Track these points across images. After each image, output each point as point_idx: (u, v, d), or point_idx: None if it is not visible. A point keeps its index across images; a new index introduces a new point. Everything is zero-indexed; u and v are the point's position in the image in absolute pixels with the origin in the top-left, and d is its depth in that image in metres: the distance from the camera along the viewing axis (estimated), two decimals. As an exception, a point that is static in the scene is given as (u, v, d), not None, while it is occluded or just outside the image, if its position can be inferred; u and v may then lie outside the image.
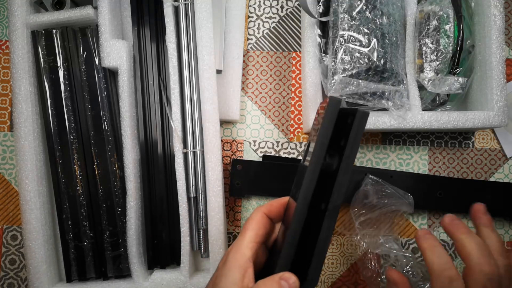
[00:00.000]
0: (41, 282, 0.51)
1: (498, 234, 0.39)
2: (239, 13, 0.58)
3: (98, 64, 0.53)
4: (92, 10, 0.52)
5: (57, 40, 0.53)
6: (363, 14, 0.49)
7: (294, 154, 0.59)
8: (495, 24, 0.52)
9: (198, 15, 0.51)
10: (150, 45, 0.54)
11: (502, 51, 0.52)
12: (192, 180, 0.52)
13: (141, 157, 0.53)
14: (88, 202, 0.53)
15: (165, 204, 0.53)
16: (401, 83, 0.50)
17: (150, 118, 0.53)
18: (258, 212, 0.35)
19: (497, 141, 0.60)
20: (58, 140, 0.53)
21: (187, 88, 0.53)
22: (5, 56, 0.59)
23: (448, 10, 0.51)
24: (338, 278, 0.58)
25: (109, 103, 0.53)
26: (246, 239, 0.33)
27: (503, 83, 0.52)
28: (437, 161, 0.60)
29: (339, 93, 0.48)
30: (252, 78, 0.60)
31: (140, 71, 0.53)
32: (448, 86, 0.50)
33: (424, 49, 0.51)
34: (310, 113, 0.52)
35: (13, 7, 0.51)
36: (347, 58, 0.48)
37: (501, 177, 0.60)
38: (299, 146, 0.59)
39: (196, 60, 0.52)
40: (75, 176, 0.53)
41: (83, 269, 0.53)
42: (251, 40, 0.60)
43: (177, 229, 0.52)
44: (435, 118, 0.51)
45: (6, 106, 0.59)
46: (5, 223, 0.58)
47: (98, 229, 0.53)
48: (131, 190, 0.51)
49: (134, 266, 0.52)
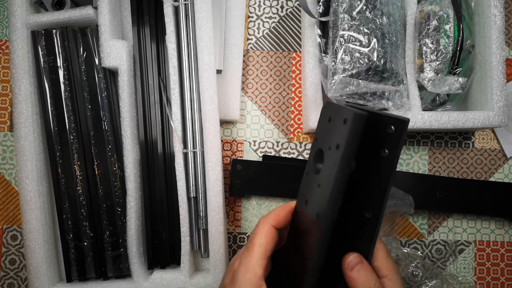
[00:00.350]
0: (41, 282, 0.51)
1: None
2: (239, 13, 0.58)
3: (98, 64, 0.53)
4: (92, 10, 0.52)
5: (57, 40, 0.53)
6: (363, 14, 0.49)
7: (294, 154, 0.59)
8: (495, 24, 0.52)
9: (198, 15, 0.51)
10: (150, 45, 0.54)
11: (502, 51, 0.52)
12: (192, 180, 0.52)
13: (141, 157, 0.53)
14: (88, 202, 0.53)
15: (165, 204, 0.53)
16: (401, 83, 0.50)
17: (150, 118, 0.53)
18: (266, 225, 0.33)
19: (497, 141, 0.60)
20: (58, 140, 0.53)
21: (187, 88, 0.53)
22: (5, 56, 0.59)
23: (448, 10, 0.51)
24: (338, 278, 0.58)
25: (109, 103, 0.53)
26: (255, 256, 0.32)
27: (503, 83, 0.51)
28: (437, 161, 0.60)
29: (339, 93, 0.48)
30: (252, 78, 0.60)
31: (140, 71, 0.53)
32: (448, 86, 0.50)
33: (424, 49, 0.51)
34: (310, 113, 0.52)
35: (13, 7, 0.51)
36: (347, 58, 0.48)
37: (501, 177, 0.60)
38: (299, 146, 0.59)
39: (196, 60, 0.52)
40: (75, 176, 0.53)
41: (83, 269, 0.53)
42: (251, 40, 0.60)
43: (177, 229, 0.52)
44: (435, 118, 0.51)
45: (6, 106, 0.59)
46: (5, 223, 0.58)
47: (98, 229, 0.53)
48: (131, 190, 0.51)
49: (134, 266, 0.52)
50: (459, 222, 0.59)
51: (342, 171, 0.27)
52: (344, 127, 0.26)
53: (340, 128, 0.27)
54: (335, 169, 0.27)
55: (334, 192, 0.27)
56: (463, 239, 0.59)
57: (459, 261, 0.59)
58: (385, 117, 0.28)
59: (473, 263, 0.59)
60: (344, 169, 0.27)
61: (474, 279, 0.58)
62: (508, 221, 0.59)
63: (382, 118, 0.28)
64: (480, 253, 0.59)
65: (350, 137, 0.26)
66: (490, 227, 0.59)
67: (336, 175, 0.27)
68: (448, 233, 0.59)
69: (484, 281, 0.58)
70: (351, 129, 0.26)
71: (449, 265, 0.58)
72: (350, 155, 0.26)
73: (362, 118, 0.26)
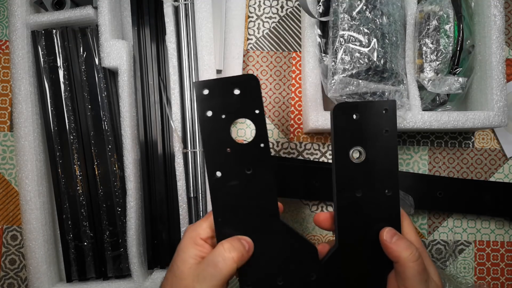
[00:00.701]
0: (41, 282, 0.51)
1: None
2: (239, 13, 0.58)
3: (98, 64, 0.53)
4: (92, 10, 0.52)
5: (57, 40, 0.53)
6: (363, 14, 0.49)
7: (294, 154, 0.59)
8: (495, 24, 0.52)
9: (198, 15, 0.51)
10: (150, 45, 0.54)
11: (502, 51, 0.52)
12: (192, 180, 0.52)
13: (141, 157, 0.53)
14: (88, 202, 0.53)
15: (165, 204, 0.53)
16: (401, 83, 0.50)
17: (150, 118, 0.53)
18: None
19: (497, 141, 0.60)
20: (58, 140, 0.53)
21: (187, 88, 0.53)
22: (5, 56, 0.59)
23: (448, 10, 0.51)
24: (338, 278, 0.58)
25: (109, 103, 0.53)
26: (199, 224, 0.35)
27: (503, 83, 0.52)
28: (437, 161, 0.60)
29: (339, 93, 0.48)
30: (252, 78, 0.60)
31: (140, 71, 0.53)
32: (448, 86, 0.50)
33: (424, 49, 0.51)
34: (310, 113, 0.52)
35: (13, 7, 0.51)
36: (347, 58, 0.48)
37: (501, 177, 0.60)
38: (299, 146, 0.59)
39: (196, 60, 0.52)
40: (75, 176, 0.53)
41: (83, 269, 0.53)
42: (251, 40, 0.60)
43: (177, 229, 0.52)
44: (435, 118, 0.51)
45: (6, 106, 0.59)
46: (5, 223, 0.58)
47: (98, 229, 0.53)
48: (131, 190, 0.51)
49: (134, 266, 0.52)
50: (459, 222, 0.59)
51: (396, 149, 0.34)
52: (387, 114, 0.34)
53: (382, 116, 0.34)
54: (393, 150, 0.34)
55: (396, 168, 0.34)
56: (463, 239, 0.59)
57: (459, 261, 0.59)
58: (377, 103, 0.34)
59: (473, 263, 0.59)
60: (397, 147, 0.34)
61: (474, 279, 0.58)
62: (508, 221, 0.59)
63: (374, 103, 0.34)
64: (480, 253, 0.59)
65: (395, 120, 0.34)
66: (490, 227, 0.59)
67: (394, 154, 0.34)
68: (448, 233, 0.59)
69: (484, 281, 0.58)
70: (394, 113, 0.34)
71: (449, 265, 0.58)
72: (396, 135, 0.34)
73: (395, 104, 0.34)
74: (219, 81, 0.33)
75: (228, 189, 0.33)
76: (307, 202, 0.59)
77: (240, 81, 0.33)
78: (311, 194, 0.57)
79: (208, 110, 0.33)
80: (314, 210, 0.59)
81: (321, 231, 0.58)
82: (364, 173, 0.34)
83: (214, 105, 0.33)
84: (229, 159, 0.33)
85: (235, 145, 0.33)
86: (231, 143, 0.33)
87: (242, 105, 0.33)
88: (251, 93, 0.33)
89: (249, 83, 0.33)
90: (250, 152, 0.33)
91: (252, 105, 0.33)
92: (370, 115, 0.34)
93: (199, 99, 0.33)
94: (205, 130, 0.33)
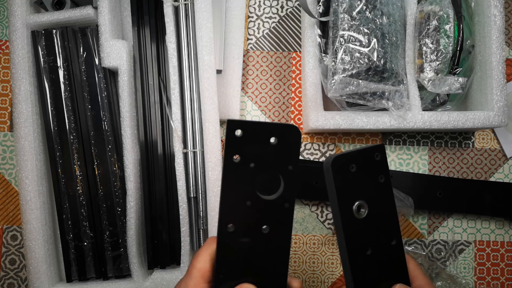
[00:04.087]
0: (41, 282, 0.51)
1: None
2: (239, 13, 0.58)
3: (98, 64, 0.53)
4: (92, 10, 0.52)
5: (57, 40, 0.53)
6: (363, 14, 0.49)
7: (294, 154, 0.59)
8: (495, 24, 0.52)
9: (198, 15, 0.51)
10: (150, 45, 0.54)
11: (502, 51, 0.52)
12: (192, 180, 0.52)
13: (141, 157, 0.53)
14: (88, 202, 0.53)
15: (165, 204, 0.53)
16: (401, 83, 0.50)
17: (150, 118, 0.53)
18: (209, 248, 0.31)
19: (497, 141, 0.60)
20: (58, 140, 0.53)
21: (187, 88, 0.53)
22: (5, 56, 0.59)
23: (448, 10, 0.51)
24: (338, 278, 0.58)
25: (109, 103, 0.53)
26: (194, 280, 0.31)
27: (503, 83, 0.52)
28: (437, 161, 0.60)
29: (339, 93, 0.48)
30: (252, 78, 0.60)
31: (140, 71, 0.53)
32: (448, 86, 0.50)
33: (424, 49, 0.51)
34: (310, 113, 0.52)
35: (13, 7, 0.51)
36: (347, 58, 0.48)
37: (501, 177, 0.60)
38: (299, 146, 0.59)
39: (196, 60, 0.52)
40: (75, 176, 0.53)
41: (83, 269, 0.53)
42: (251, 40, 0.60)
43: (177, 229, 0.52)
44: (435, 118, 0.51)
45: (6, 106, 0.59)
46: (5, 223, 0.58)
47: (98, 229, 0.53)
48: (131, 190, 0.51)
49: (134, 266, 0.52)
50: (459, 222, 0.59)
51: (393, 194, 0.33)
52: (380, 160, 0.32)
53: (376, 163, 0.32)
54: (390, 196, 0.32)
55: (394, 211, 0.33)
56: (463, 239, 0.59)
57: (459, 261, 0.59)
58: (369, 149, 0.32)
59: (473, 263, 0.59)
60: (393, 192, 0.33)
61: (474, 279, 0.58)
62: (508, 221, 0.59)
63: (367, 150, 0.32)
64: (480, 253, 0.59)
65: (387, 165, 0.32)
66: (490, 227, 0.59)
67: (392, 200, 0.32)
68: (448, 233, 0.59)
69: (484, 281, 0.58)
70: (385, 157, 0.32)
71: (449, 265, 0.58)
72: (390, 179, 0.32)
73: (384, 147, 0.32)
74: (256, 124, 0.30)
75: (237, 245, 0.30)
76: (307, 202, 0.59)
77: (279, 130, 0.30)
78: (311, 194, 0.57)
79: (236, 154, 0.29)
80: (314, 210, 0.59)
81: (321, 231, 0.58)
82: (370, 227, 0.31)
83: (244, 150, 0.29)
84: (247, 214, 0.30)
85: (258, 199, 0.30)
86: (253, 197, 0.30)
87: (276, 157, 0.30)
88: (289, 145, 0.30)
89: (289, 133, 0.30)
90: (271, 210, 0.30)
91: (287, 160, 0.30)
92: (365, 164, 0.31)
93: (229, 139, 0.29)
94: (228, 175, 0.29)
